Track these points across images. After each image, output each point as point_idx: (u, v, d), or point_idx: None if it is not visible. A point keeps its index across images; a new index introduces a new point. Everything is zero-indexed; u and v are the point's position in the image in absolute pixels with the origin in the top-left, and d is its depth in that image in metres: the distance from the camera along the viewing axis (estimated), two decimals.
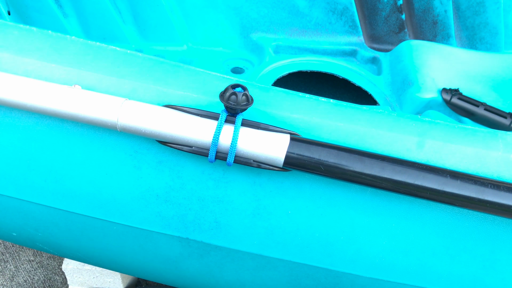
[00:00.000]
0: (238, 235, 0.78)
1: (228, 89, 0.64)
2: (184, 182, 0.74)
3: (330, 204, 0.73)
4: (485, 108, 1.23)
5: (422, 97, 1.27)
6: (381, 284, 0.80)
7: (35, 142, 0.75)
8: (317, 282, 0.84)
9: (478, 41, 1.56)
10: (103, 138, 0.72)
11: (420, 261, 0.76)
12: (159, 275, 0.98)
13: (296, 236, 0.76)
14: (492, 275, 0.76)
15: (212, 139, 0.64)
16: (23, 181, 0.79)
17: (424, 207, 0.72)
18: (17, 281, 1.69)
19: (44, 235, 0.92)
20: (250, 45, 1.62)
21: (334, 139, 0.69)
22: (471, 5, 1.51)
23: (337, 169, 0.64)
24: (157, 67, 0.73)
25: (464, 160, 0.69)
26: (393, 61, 1.50)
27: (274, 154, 0.65)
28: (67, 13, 1.45)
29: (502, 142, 0.71)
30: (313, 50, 1.61)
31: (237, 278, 0.89)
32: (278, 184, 0.72)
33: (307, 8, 1.56)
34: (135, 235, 0.83)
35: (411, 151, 0.69)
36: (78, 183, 0.77)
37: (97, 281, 1.49)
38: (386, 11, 1.57)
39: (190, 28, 1.59)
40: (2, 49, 0.74)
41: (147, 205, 0.77)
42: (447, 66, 1.37)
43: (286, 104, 0.71)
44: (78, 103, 0.64)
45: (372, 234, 0.74)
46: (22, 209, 0.85)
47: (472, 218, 0.72)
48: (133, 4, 1.49)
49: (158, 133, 0.65)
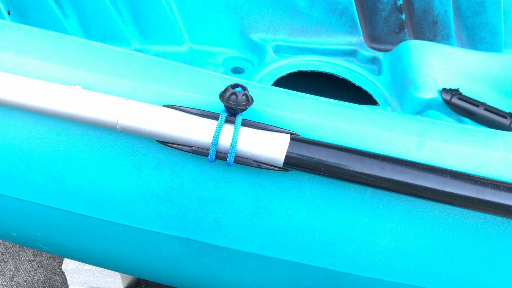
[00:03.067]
0: (238, 235, 0.78)
1: (228, 89, 0.64)
2: (184, 182, 0.74)
3: (330, 204, 0.73)
4: (485, 108, 1.23)
5: (422, 97, 1.27)
6: (381, 284, 0.80)
7: (35, 142, 0.75)
8: (317, 282, 0.84)
9: (478, 41, 1.56)
10: (103, 138, 0.72)
11: (420, 261, 0.76)
12: (159, 275, 0.98)
13: (296, 236, 0.76)
14: (492, 275, 0.76)
15: (212, 139, 0.64)
16: (23, 181, 0.79)
17: (424, 207, 0.72)
18: (17, 281, 1.69)
19: (44, 235, 0.92)
20: (250, 45, 1.62)
21: (334, 139, 0.69)
22: (471, 5, 1.51)
23: (337, 169, 0.64)
24: (157, 67, 0.73)
25: (464, 160, 0.69)
26: (393, 61, 1.50)
27: (274, 154, 0.65)
28: (67, 13, 1.45)
29: (502, 142, 0.71)
30: (313, 50, 1.61)
31: (237, 278, 0.89)
32: (278, 184, 0.72)
33: (307, 8, 1.56)
34: (135, 235, 0.83)
35: (411, 151, 0.69)
36: (78, 183, 0.77)
37: (97, 281, 1.49)
38: (386, 11, 1.57)
39: (190, 28, 1.59)
40: (2, 49, 0.74)
41: (147, 205, 0.77)
42: (447, 66, 1.37)
43: (286, 104, 0.71)
44: (78, 103, 0.64)
45: (372, 234, 0.74)
46: (22, 209, 0.85)
47: (472, 218, 0.72)
48: (133, 4, 1.49)
49: (158, 133, 0.65)
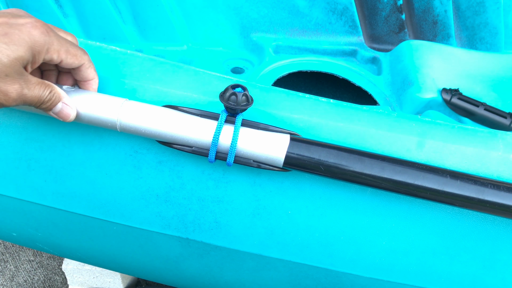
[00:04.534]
0: (238, 235, 0.78)
1: (228, 89, 0.64)
2: (184, 182, 0.74)
3: (330, 204, 0.73)
4: (485, 108, 1.22)
5: (422, 97, 1.27)
6: (381, 284, 0.80)
7: (35, 142, 0.75)
8: (317, 282, 0.84)
9: (478, 41, 1.56)
10: (103, 138, 0.72)
11: (420, 261, 0.76)
12: (159, 275, 0.98)
13: (296, 236, 0.76)
14: (492, 275, 0.76)
15: (212, 139, 0.64)
16: (23, 181, 0.79)
17: (424, 207, 0.72)
18: (17, 281, 1.69)
19: (44, 235, 0.92)
20: (250, 45, 1.62)
21: (334, 139, 0.69)
22: (471, 5, 1.51)
23: (337, 169, 0.64)
24: (157, 67, 0.73)
25: (464, 160, 0.69)
26: (393, 61, 1.50)
27: (274, 154, 0.65)
28: (67, 13, 1.45)
29: (502, 142, 0.71)
30: (313, 50, 1.61)
31: (237, 278, 0.89)
32: (278, 184, 0.72)
33: (307, 8, 1.56)
34: (135, 235, 0.83)
35: (411, 151, 0.69)
36: (78, 183, 0.77)
37: (97, 281, 1.49)
38: (386, 11, 1.57)
39: (190, 28, 1.59)
40: None
41: (147, 205, 0.77)
42: (447, 66, 1.37)
43: (286, 104, 0.71)
44: (78, 103, 0.64)
45: (372, 234, 0.74)
46: (22, 209, 0.85)
47: (472, 218, 0.72)
48: (133, 4, 1.49)
49: (158, 133, 0.65)
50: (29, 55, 0.55)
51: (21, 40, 0.54)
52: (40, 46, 0.56)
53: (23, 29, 0.55)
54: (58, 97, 0.62)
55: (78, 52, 0.62)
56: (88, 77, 0.65)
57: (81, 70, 0.64)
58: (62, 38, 0.60)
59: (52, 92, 0.61)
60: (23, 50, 0.54)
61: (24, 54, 0.54)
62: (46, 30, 0.57)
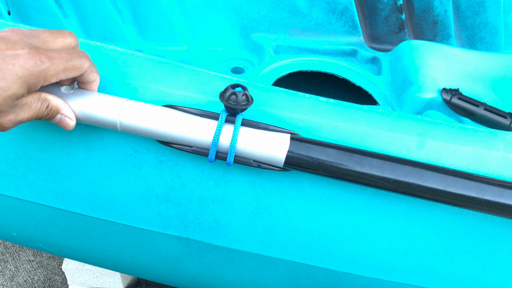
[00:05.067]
0: (238, 235, 0.78)
1: (228, 89, 0.64)
2: (184, 182, 0.74)
3: (330, 204, 0.73)
4: (485, 108, 1.22)
5: (422, 97, 1.27)
6: (381, 284, 0.80)
7: (35, 142, 0.75)
8: (317, 282, 0.84)
9: (478, 41, 1.56)
10: (103, 138, 0.72)
11: (420, 261, 0.76)
12: (159, 275, 0.98)
13: (296, 236, 0.76)
14: (492, 275, 0.76)
15: (212, 139, 0.64)
16: (23, 181, 0.79)
17: (424, 207, 0.72)
18: (17, 281, 1.69)
19: (44, 235, 0.92)
20: (250, 45, 1.62)
21: (334, 139, 0.69)
22: (471, 5, 1.51)
23: (337, 169, 0.64)
24: (157, 67, 0.73)
25: (464, 160, 0.69)
26: (393, 61, 1.50)
27: (274, 154, 0.65)
28: (67, 13, 1.45)
29: (502, 142, 0.71)
30: (313, 50, 1.61)
31: (237, 278, 0.89)
32: (278, 184, 0.72)
33: (307, 8, 1.56)
34: (135, 235, 0.83)
35: (411, 151, 0.69)
36: (78, 183, 0.77)
37: (97, 281, 1.49)
38: (386, 11, 1.57)
39: (190, 28, 1.59)
40: None
41: (147, 205, 0.77)
42: (447, 66, 1.37)
43: (286, 103, 0.71)
44: (78, 103, 0.64)
45: (372, 234, 0.74)
46: (22, 209, 0.85)
47: (472, 218, 0.72)
48: (133, 4, 1.49)
49: (159, 133, 0.65)
50: (24, 89, 0.53)
51: (13, 75, 0.51)
52: (35, 78, 0.54)
53: (15, 63, 0.52)
54: (55, 110, 0.61)
55: (77, 63, 0.60)
56: (89, 80, 0.65)
57: (82, 75, 0.63)
58: (58, 58, 0.57)
59: (49, 107, 0.60)
60: (16, 87, 0.52)
61: (17, 91, 0.53)
62: (40, 59, 0.54)
